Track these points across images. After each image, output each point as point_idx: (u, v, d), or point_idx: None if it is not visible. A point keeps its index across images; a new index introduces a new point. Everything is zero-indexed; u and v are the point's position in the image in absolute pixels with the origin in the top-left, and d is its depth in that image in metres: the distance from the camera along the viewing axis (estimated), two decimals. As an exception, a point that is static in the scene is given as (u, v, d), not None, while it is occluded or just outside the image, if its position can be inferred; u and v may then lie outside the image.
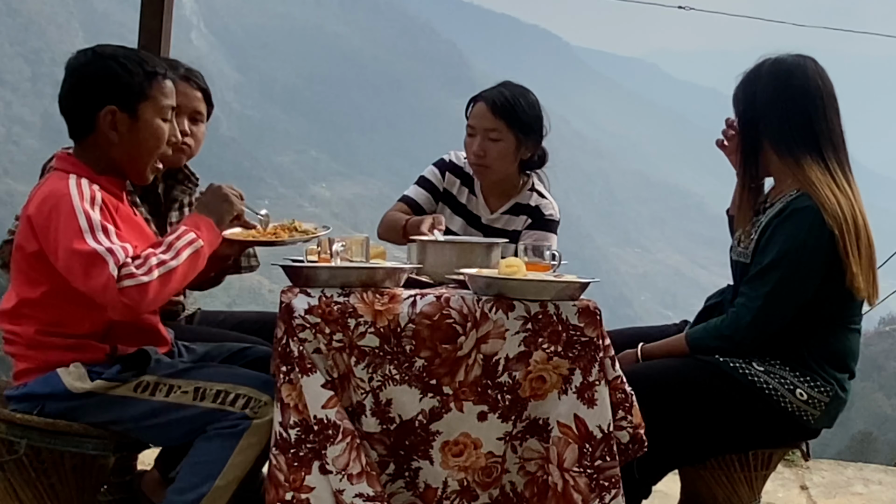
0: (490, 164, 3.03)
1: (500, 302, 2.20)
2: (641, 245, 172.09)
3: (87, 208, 2.13)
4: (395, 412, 2.19)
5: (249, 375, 2.29)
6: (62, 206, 2.13)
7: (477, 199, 3.16)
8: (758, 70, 2.59)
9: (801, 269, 2.44)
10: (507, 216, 3.13)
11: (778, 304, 2.47)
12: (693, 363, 2.52)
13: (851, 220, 2.44)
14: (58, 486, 2.28)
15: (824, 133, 2.53)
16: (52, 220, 2.13)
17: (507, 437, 2.23)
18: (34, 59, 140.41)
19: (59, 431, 2.23)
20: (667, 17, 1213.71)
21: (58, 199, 2.14)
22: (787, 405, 2.47)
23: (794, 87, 2.53)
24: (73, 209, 2.12)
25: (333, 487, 2.11)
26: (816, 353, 2.51)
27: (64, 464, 2.27)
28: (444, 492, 2.23)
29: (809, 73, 2.55)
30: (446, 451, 2.22)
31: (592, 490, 2.19)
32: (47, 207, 2.15)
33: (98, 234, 2.09)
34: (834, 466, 4.29)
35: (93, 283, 2.05)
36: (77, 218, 2.11)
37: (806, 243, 2.43)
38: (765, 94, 2.55)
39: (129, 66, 2.26)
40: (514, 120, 2.98)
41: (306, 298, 2.16)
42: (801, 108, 2.53)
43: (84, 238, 2.08)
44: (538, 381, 2.21)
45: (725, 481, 2.64)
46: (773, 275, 2.46)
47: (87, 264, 2.06)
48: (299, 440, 2.12)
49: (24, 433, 2.23)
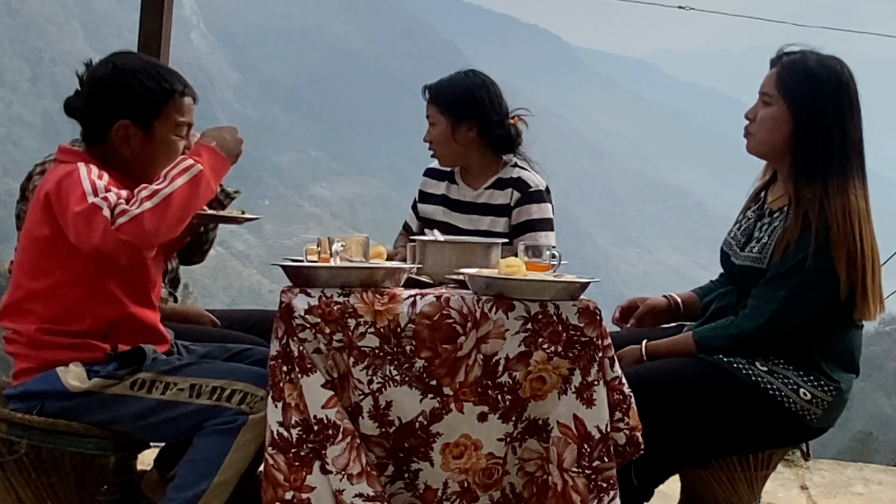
0: (434, 148, 3.17)
1: (500, 302, 2.20)
2: (641, 245, 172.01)
3: (93, 178, 2.14)
4: (395, 415, 2.19)
5: (245, 370, 2.29)
6: (73, 176, 2.14)
7: (458, 185, 3.23)
8: (814, 69, 2.51)
9: (820, 277, 2.43)
10: (490, 190, 3.17)
11: (792, 309, 2.46)
12: (697, 365, 2.51)
13: (871, 256, 2.44)
14: (58, 485, 2.28)
15: (859, 150, 2.52)
16: (61, 192, 2.14)
17: (508, 437, 2.23)
18: (34, 59, 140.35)
19: (60, 431, 2.24)
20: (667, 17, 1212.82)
21: (69, 173, 2.16)
22: (791, 405, 2.46)
23: (850, 102, 2.51)
24: (80, 178, 2.13)
25: (333, 487, 2.11)
26: (824, 351, 2.50)
27: (64, 463, 2.27)
28: (445, 493, 2.23)
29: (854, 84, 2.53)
30: (447, 453, 2.21)
31: (591, 491, 2.18)
32: (59, 182, 2.16)
33: (100, 193, 2.10)
34: (834, 466, 4.29)
35: (96, 236, 2.04)
36: (82, 184, 2.11)
37: (827, 253, 2.42)
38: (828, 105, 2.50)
39: (147, 82, 2.27)
40: (443, 103, 3.12)
41: (306, 298, 2.16)
42: (857, 128, 2.51)
43: (86, 199, 2.08)
44: (538, 381, 2.21)
45: (725, 481, 2.64)
46: (791, 280, 2.45)
47: (87, 220, 2.05)
48: (300, 439, 2.12)
49: (25, 433, 2.24)
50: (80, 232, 2.08)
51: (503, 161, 3.18)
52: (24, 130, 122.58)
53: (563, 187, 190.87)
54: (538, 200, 3.11)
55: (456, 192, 3.22)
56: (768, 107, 2.56)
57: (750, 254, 2.59)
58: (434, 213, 3.24)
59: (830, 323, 2.51)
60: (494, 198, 3.15)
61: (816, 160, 2.49)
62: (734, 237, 2.71)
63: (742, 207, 2.80)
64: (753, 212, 2.70)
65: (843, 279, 2.42)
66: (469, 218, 3.16)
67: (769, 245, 2.52)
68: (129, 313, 2.30)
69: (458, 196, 3.21)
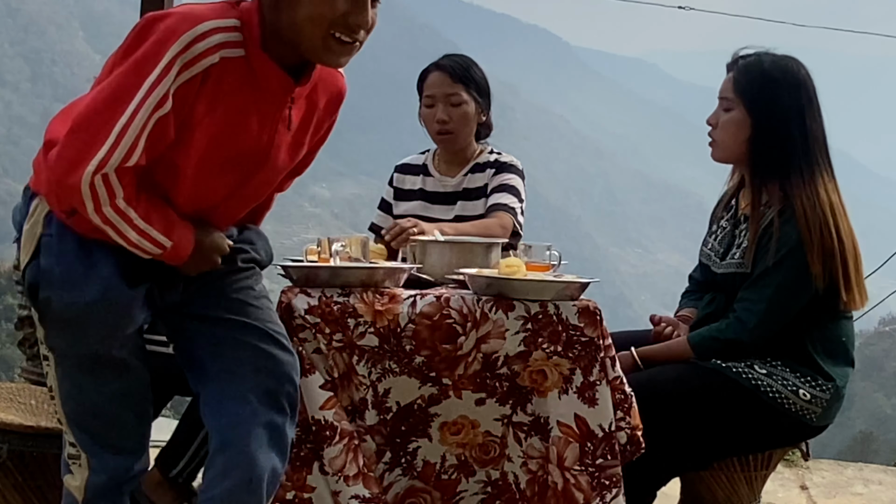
0: (454, 128, 3.09)
1: (500, 302, 2.21)
2: (641, 245, 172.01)
3: None
4: (393, 401, 2.20)
5: None
6: None
7: (433, 176, 3.21)
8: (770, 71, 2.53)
9: (798, 273, 2.44)
10: (469, 175, 3.17)
11: (780, 307, 2.47)
12: (695, 371, 2.51)
13: (852, 239, 2.45)
14: (45, 487, 2.25)
15: (823, 145, 2.52)
16: None
17: (505, 419, 2.24)
18: (34, 59, 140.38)
19: (40, 434, 2.19)
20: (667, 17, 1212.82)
21: None
22: (791, 406, 2.46)
23: (809, 100, 2.51)
24: None
25: (331, 489, 2.12)
26: (818, 346, 2.51)
27: (49, 465, 2.23)
28: (443, 466, 2.24)
29: (811, 82, 2.54)
30: (444, 430, 2.23)
31: (594, 489, 2.19)
32: None
33: None
34: (834, 466, 4.29)
35: None
36: None
37: (801, 249, 2.43)
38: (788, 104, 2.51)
39: None
40: (471, 82, 3.10)
41: (306, 298, 2.16)
42: (819, 123, 2.52)
43: None
44: (539, 374, 2.21)
45: (725, 481, 2.64)
46: (774, 277, 2.46)
47: None
48: (300, 440, 2.12)
49: (4, 437, 2.20)
50: None
51: (480, 148, 3.21)
52: (24, 130, 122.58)
53: (563, 187, 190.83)
54: (512, 172, 3.13)
55: (433, 185, 3.20)
56: (729, 112, 2.57)
57: (732, 260, 2.59)
58: (413, 208, 3.19)
59: (821, 317, 2.51)
60: (474, 181, 3.15)
61: (778, 160, 2.50)
62: (712, 248, 2.71)
63: (712, 216, 2.81)
64: (727, 221, 2.70)
65: (819, 273, 2.42)
66: (450, 208, 3.14)
67: (751, 249, 2.52)
68: None
69: (437, 188, 3.19)
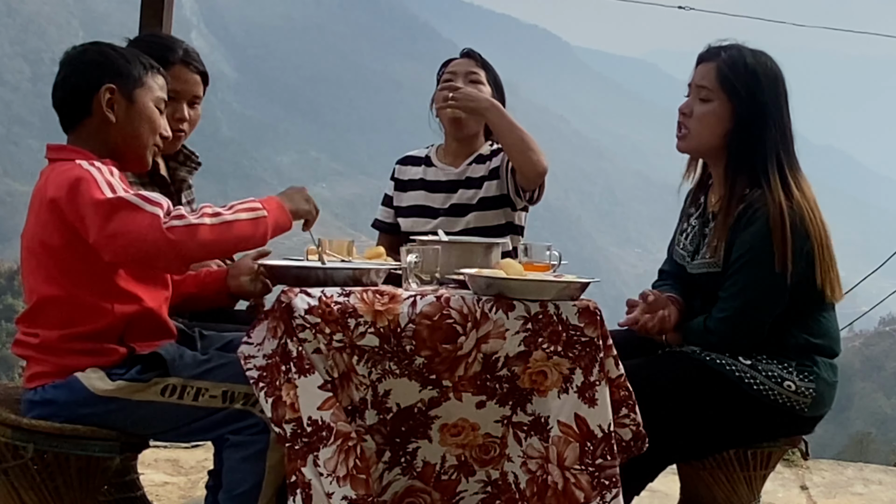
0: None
1: (500, 302, 2.21)
2: (641, 245, 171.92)
3: (107, 178, 2.12)
4: (393, 402, 2.20)
5: None
6: (85, 178, 2.10)
7: (435, 167, 3.27)
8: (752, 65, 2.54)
9: (773, 267, 2.42)
10: (472, 165, 3.22)
11: (758, 303, 2.47)
12: (678, 363, 2.52)
13: (825, 233, 2.46)
14: (62, 488, 2.24)
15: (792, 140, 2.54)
16: (77, 191, 2.09)
17: (505, 420, 2.24)
18: (34, 59, 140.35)
19: (66, 435, 2.19)
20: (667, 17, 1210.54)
21: (78, 175, 2.11)
22: (777, 397, 2.47)
23: (784, 95, 2.54)
24: (95, 180, 2.10)
25: (324, 490, 2.11)
26: (801, 338, 2.51)
27: (69, 466, 2.23)
28: (443, 467, 2.24)
29: (783, 76, 2.56)
30: (445, 431, 2.23)
31: (594, 488, 2.19)
32: (69, 183, 2.10)
33: (118, 192, 2.08)
34: (834, 466, 4.30)
35: (135, 227, 2.01)
36: (99, 186, 2.08)
37: (769, 243, 2.42)
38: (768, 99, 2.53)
39: (126, 55, 2.31)
40: (491, 72, 3.25)
41: (306, 298, 2.16)
42: (790, 119, 2.54)
43: (103, 193, 2.06)
44: (539, 374, 2.21)
45: (725, 481, 2.64)
46: (747, 275, 2.45)
47: (109, 212, 2.02)
48: (295, 434, 2.11)
49: (31, 437, 2.20)
50: (92, 221, 2.04)
51: (482, 140, 3.27)
52: (24, 130, 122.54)
53: (563, 187, 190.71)
54: None
55: (434, 174, 3.27)
56: (707, 103, 2.56)
57: (703, 259, 2.59)
58: (416, 198, 3.26)
59: (802, 309, 2.51)
60: (475, 171, 3.21)
61: (755, 155, 2.51)
62: (683, 248, 2.71)
63: (682, 213, 2.80)
64: (696, 219, 2.70)
65: (791, 268, 2.42)
66: (448, 196, 3.19)
67: (721, 247, 2.52)
68: (147, 309, 2.27)
69: (438, 177, 3.25)
